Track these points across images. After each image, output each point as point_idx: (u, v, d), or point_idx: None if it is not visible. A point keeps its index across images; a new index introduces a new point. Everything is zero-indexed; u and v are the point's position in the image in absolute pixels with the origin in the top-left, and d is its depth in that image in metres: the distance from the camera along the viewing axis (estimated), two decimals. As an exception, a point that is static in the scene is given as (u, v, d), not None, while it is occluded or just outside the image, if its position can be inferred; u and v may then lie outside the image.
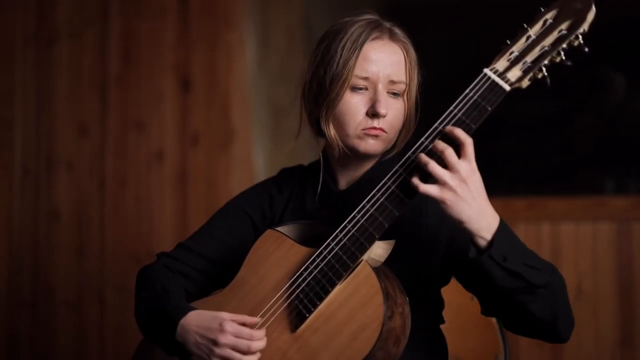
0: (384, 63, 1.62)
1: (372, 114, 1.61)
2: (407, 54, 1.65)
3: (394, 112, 1.63)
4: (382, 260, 1.53)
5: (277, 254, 1.61)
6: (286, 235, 1.62)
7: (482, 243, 1.42)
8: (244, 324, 1.55)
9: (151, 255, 3.30)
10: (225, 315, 1.55)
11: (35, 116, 3.58)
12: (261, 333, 1.54)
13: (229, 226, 1.81)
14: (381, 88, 1.61)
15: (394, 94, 1.64)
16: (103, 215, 3.49)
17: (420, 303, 1.59)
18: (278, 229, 1.64)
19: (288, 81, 3.54)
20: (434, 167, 1.40)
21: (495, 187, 1.62)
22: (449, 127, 1.42)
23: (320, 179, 1.73)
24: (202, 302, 1.69)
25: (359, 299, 1.47)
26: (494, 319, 2.03)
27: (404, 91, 1.65)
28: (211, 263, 1.79)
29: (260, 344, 1.53)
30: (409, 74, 1.65)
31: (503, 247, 1.41)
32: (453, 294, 1.80)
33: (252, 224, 1.79)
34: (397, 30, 1.67)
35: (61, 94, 3.56)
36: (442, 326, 1.75)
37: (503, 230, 1.43)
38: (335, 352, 1.47)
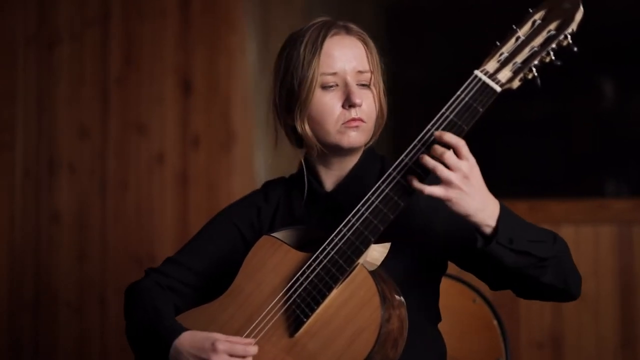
0: (347, 56, 1.65)
1: (349, 105, 1.63)
2: (366, 45, 1.69)
3: (367, 101, 1.66)
4: (378, 263, 1.53)
5: (273, 260, 1.60)
6: (282, 241, 1.62)
7: (488, 231, 1.45)
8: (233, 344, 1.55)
9: (152, 257, 3.34)
10: (218, 335, 1.56)
11: (36, 118, 3.58)
12: (254, 349, 1.54)
13: (217, 239, 1.80)
14: (350, 80, 1.64)
15: (363, 84, 1.67)
16: (104, 217, 3.49)
17: (415, 302, 1.59)
18: (273, 234, 1.63)
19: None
20: (442, 170, 1.41)
21: (496, 190, 1.62)
22: (437, 133, 1.44)
23: (306, 183, 1.74)
24: (199, 310, 1.69)
25: (356, 302, 1.47)
26: (495, 322, 2.03)
27: (371, 80, 1.68)
28: (200, 277, 1.79)
29: None
30: (372, 63, 1.68)
31: (507, 230, 1.44)
32: (454, 296, 1.80)
33: (240, 236, 1.79)
34: (352, 25, 1.71)
35: (62, 95, 3.56)
36: (442, 329, 1.76)
37: (505, 213, 1.46)
38: (333, 356, 1.47)
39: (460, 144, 1.42)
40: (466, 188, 1.41)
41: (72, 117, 3.55)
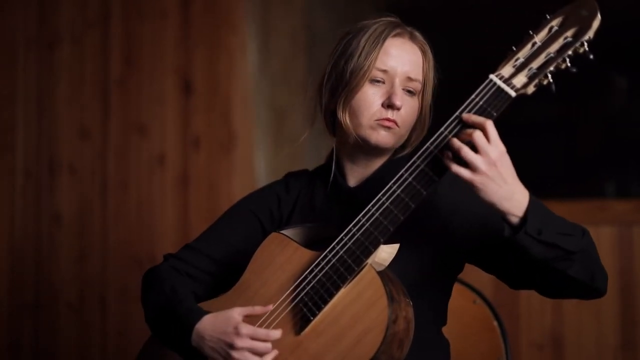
0: (402, 59, 1.66)
1: (388, 105, 1.64)
2: (425, 56, 1.70)
3: (408, 108, 1.66)
4: (386, 264, 1.54)
5: (281, 258, 1.61)
6: (290, 239, 1.62)
7: (514, 220, 1.45)
8: (254, 314, 1.56)
9: (153, 258, 3.34)
10: (237, 315, 1.55)
11: (37, 119, 3.58)
12: (277, 333, 1.54)
13: (236, 227, 1.81)
14: (398, 83, 1.65)
15: (410, 91, 1.67)
16: (105, 218, 3.49)
17: (425, 303, 1.60)
18: (282, 232, 1.64)
19: (290, 85, 3.55)
20: (467, 152, 1.41)
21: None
22: (465, 115, 1.44)
23: (332, 174, 1.75)
24: (206, 305, 1.68)
25: (364, 302, 1.47)
26: (495, 323, 2.03)
27: (420, 91, 1.68)
28: (218, 264, 1.79)
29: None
30: (426, 74, 1.69)
31: (536, 221, 1.43)
32: (454, 298, 1.80)
33: (260, 225, 1.80)
34: (417, 33, 1.72)
35: (63, 96, 3.56)
36: (443, 330, 1.76)
37: (533, 204, 1.44)
38: (339, 355, 1.48)
39: (487, 124, 1.42)
40: (492, 174, 1.40)
41: (72, 118, 3.54)
